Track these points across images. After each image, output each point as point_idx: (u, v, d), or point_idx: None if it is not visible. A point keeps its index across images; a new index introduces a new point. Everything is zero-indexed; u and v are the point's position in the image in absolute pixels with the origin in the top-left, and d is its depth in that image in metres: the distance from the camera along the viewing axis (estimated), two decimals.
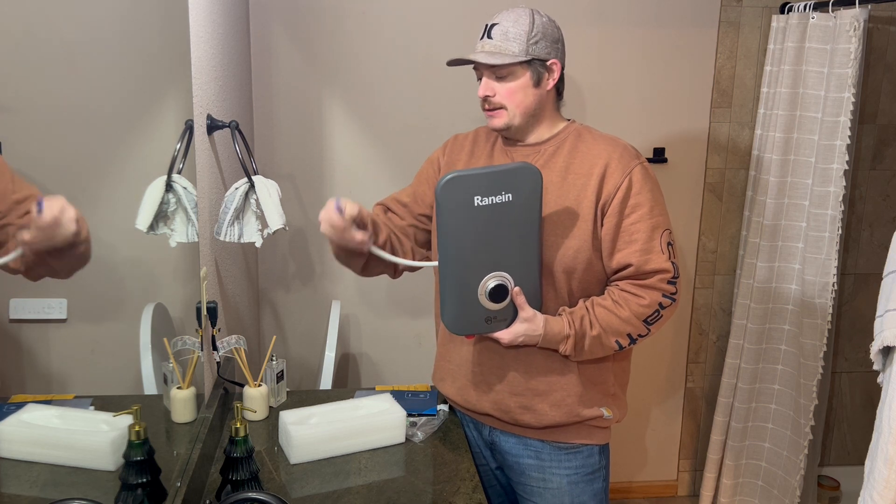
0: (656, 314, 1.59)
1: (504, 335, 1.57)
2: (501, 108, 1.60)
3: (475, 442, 1.81)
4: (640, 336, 1.61)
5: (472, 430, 1.81)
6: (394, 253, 1.72)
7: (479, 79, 1.62)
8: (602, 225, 1.59)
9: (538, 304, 1.60)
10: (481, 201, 1.48)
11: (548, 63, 1.60)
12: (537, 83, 1.60)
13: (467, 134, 1.80)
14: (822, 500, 2.93)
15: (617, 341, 1.59)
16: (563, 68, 1.63)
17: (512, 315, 1.58)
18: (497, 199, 1.49)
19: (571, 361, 1.64)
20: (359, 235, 1.54)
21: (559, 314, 1.61)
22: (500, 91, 1.59)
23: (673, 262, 1.59)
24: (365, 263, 1.70)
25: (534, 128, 1.65)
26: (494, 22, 1.59)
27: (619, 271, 1.60)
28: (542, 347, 1.61)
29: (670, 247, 1.60)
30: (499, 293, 1.53)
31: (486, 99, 1.61)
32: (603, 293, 1.63)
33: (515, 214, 1.51)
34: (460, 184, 1.47)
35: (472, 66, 1.62)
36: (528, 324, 1.57)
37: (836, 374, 3.03)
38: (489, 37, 1.59)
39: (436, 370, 1.84)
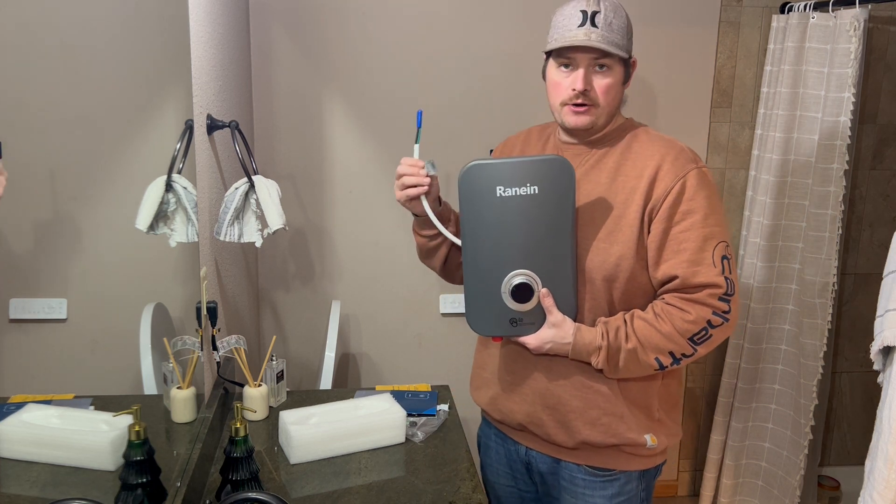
0: (704, 332, 1.43)
1: (530, 340, 1.48)
2: (594, 104, 1.47)
3: (503, 459, 1.70)
4: (684, 356, 1.45)
5: (501, 446, 1.70)
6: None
7: (566, 67, 1.47)
8: (649, 232, 1.46)
9: (572, 312, 1.48)
10: (504, 192, 1.42)
11: (631, 60, 1.50)
12: (625, 81, 1.50)
13: (519, 134, 1.70)
14: (822, 500, 2.92)
15: (657, 359, 1.45)
16: None
17: (541, 319, 1.48)
18: (521, 191, 1.42)
19: (611, 378, 1.50)
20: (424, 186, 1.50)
21: (596, 325, 1.49)
22: (596, 86, 1.46)
23: (727, 278, 1.43)
24: (444, 263, 1.67)
25: (603, 127, 1.53)
26: (595, 10, 1.43)
27: (665, 283, 1.46)
28: (573, 359, 1.49)
29: (726, 261, 1.44)
30: (523, 292, 1.45)
31: (583, 93, 1.45)
32: None
33: (543, 209, 1.42)
34: (482, 172, 1.42)
35: (556, 54, 1.47)
36: (556, 329, 1.46)
37: (836, 374, 3.03)
38: (593, 24, 1.42)
39: (472, 378, 1.74)
